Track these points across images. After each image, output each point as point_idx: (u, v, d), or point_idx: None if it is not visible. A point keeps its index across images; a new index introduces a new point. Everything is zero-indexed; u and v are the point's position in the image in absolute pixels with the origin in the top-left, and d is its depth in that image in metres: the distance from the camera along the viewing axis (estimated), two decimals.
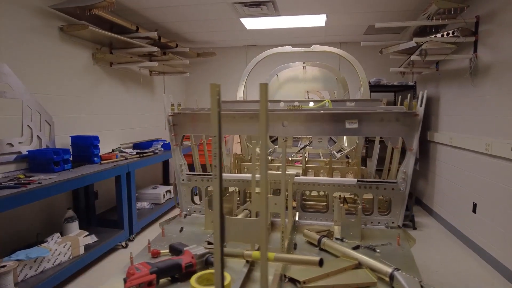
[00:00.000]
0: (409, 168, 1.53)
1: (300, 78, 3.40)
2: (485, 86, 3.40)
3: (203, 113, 1.62)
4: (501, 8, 3.15)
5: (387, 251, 1.28)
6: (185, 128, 1.66)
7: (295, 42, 6.03)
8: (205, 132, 1.69)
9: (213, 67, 6.39)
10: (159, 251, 1.15)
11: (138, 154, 3.93)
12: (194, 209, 1.73)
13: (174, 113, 1.66)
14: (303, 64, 3.41)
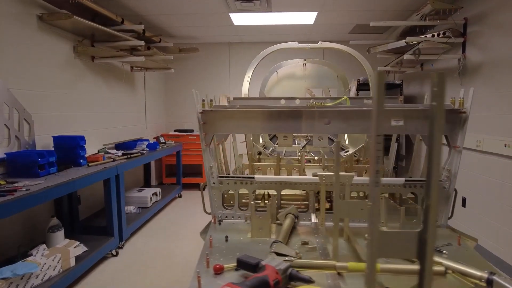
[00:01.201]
0: (453, 166, 1.50)
1: (300, 75, 3.33)
2: (474, 85, 3.53)
3: (237, 111, 1.49)
4: (491, 11, 3.28)
5: (452, 252, 1.23)
6: (216, 126, 1.51)
7: (281, 40, 5.95)
8: (238, 131, 1.55)
9: (195, 63, 6.17)
10: (222, 266, 1.02)
11: (125, 155, 3.67)
12: (225, 215, 1.58)
13: (205, 110, 1.50)
14: (304, 61, 3.34)
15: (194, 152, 5.77)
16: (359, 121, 1.48)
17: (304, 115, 1.47)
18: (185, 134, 5.77)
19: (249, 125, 1.50)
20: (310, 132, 1.50)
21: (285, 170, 2.31)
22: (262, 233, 1.32)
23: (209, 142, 1.53)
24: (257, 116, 1.48)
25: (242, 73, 6.15)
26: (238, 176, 1.56)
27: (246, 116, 1.50)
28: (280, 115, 1.48)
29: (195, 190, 5.92)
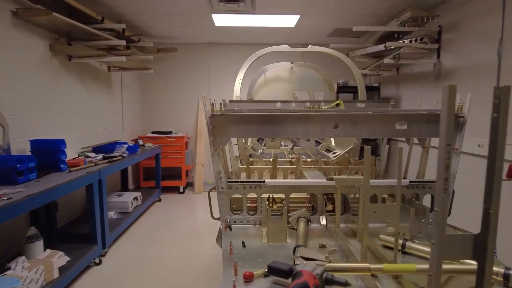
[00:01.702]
0: (452, 168, 1.57)
1: (287, 78, 3.35)
2: None
3: (247, 115, 1.47)
4: (463, 19, 3.49)
5: None
6: (225, 131, 1.49)
7: (260, 42, 5.98)
8: (248, 135, 1.54)
9: (173, 63, 6.04)
10: (252, 274, 1.00)
11: (106, 159, 3.52)
12: (233, 220, 1.56)
13: (214, 114, 1.48)
14: (291, 64, 3.37)
15: (173, 154, 5.65)
16: (366, 125, 1.52)
17: (314, 119, 1.48)
18: (163, 136, 5.64)
19: (259, 129, 1.49)
20: (320, 135, 1.52)
21: (281, 172, 2.31)
22: (278, 238, 1.32)
23: (217, 146, 1.50)
24: (267, 120, 1.48)
25: (221, 75, 6.11)
26: (247, 180, 1.54)
27: (256, 120, 1.49)
28: (289, 119, 1.48)
29: (174, 193, 5.80)
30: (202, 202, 5.35)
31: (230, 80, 6.13)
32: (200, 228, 4.15)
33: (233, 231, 1.48)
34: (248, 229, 1.50)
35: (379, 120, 1.52)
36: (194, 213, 4.81)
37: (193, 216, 4.67)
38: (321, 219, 1.52)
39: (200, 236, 3.88)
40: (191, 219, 4.54)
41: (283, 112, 1.48)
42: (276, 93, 3.32)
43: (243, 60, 6.04)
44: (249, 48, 6.07)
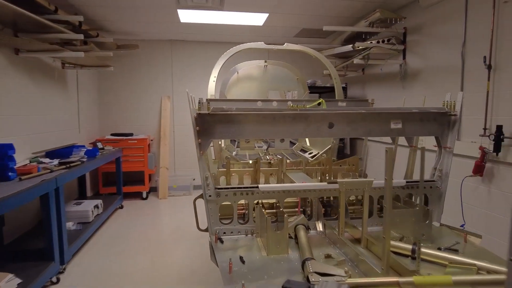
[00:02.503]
0: (444, 166, 1.56)
1: (260, 76, 3.24)
2: (414, 88, 3.86)
3: (238, 114, 1.33)
4: (427, 23, 3.62)
5: (462, 250, 1.26)
6: (213, 132, 1.34)
7: (226, 40, 5.84)
8: (238, 136, 1.40)
9: (133, 61, 5.69)
10: None
11: (63, 165, 3.18)
12: (223, 230, 1.41)
13: (201, 113, 1.32)
14: (265, 62, 3.27)
15: (134, 158, 5.31)
16: (363, 124, 1.45)
17: (310, 118, 1.39)
18: (124, 138, 5.27)
19: (251, 129, 1.36)
20: (315, 136, 1.42)
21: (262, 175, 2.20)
22: (279, 250, 1.20)
23: (204, 149, 1.35)
24: (259, 119, 1.36)
25: (185, 73, 5.87)
26: (239, 186, 1.40)
27: (247, 120, 1.36)
28: (284, 118, 1.37)
29: (137, 199, 5.45)
30: (167, 207, 5.08)
31: (195, 79, 5.93)
32: (167, 236, 3.91)
33: (224, 244, 1.33)
34: (240, 240, 1.36)
35: (375, 119, 1.46)
36: (160, 220, 4.54)
37: (159, 223, 4.40)
38: (317, 225, 1.43)
39: (169, 244, 3.65)
40: (157, 226, 4.27)
41: (277, 110, 1.37)
42: (250, 92, 3.20)
43: (208, 58, 5.91)
44: (215, 46, 5.91)
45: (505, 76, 2.74)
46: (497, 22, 2.80)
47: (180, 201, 5.43)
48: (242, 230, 1.41)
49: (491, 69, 2.83)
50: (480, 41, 2.97)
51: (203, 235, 4.02)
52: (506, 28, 2.73)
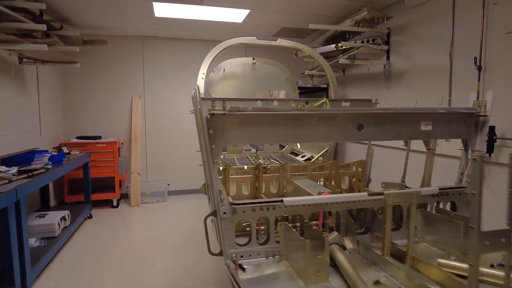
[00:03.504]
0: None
1: (248, 75, 3.04)
2: (399, 89, 3.84)
3: (257, 114, 1.13)
4: (411, 23, 3.61)
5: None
6: (228, 136, 1.12)
7: (202, 38, 5.57)
8: (256, 141, 1.19)
9: (102, 58, 5.25)
10: None
11: (24, 174, 2.78)
12: (240, 254, 1.19)
13: (215, 113, 1.10)
14: (253, 60, 3.07)
15: (104, 163, 4.89)
16: (392, 126, 1.30)
17: (337, 119, 1.21)
18: (92, 142, 4.83)
19: (270, 132, 1.16)
20: (342, 139, 1.25)
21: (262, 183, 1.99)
22: (320, 278, 1.00)
23: (217, 157, 1.12)
24: (281, 121, 1.16)
25: (158, 72, 5.52)
26: (260, 201, 1.19)
27: (267, 121, 1.15)
28: (309, 119, 1.18)
29: (107, 207, 5.03)
30: (141, 216, 4.71)
31: (168, 78, 5.59)
32: (144, 247, 3.59)
33: (247, 271, 1.11)
34: (263, 265, 1.15)
35: (404, 120, 1.31)
36: (134, 230, 4.18)
37: (134, 234, 4.05)
38: (347, 242, 1.25)
39: (146, 257, 3.33)
40: (131, 237, 3.92)
41: (301, 110, 1.17)
42: (236, 91, 2.99)
43: (182, 56, 5.61)
44: (190, 44, 5.62)
45: (495, 77, 2.75)
46: (486, 24, 2.81)
47: (154, 208, 5.08)
48: (263, 251, 1.20)
49: (482, 70, 2.83)
50: (468, 42, 2.97)
51: (183, 244, 3.75)
52: (495, 29, 2.73)
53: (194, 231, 4.04)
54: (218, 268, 3.06)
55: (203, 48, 5.67)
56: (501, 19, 2.68)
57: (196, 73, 5.67)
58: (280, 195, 1.99)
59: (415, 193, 1.16)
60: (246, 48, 5.66)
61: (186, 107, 5.70)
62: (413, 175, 3.49)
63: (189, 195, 5.80)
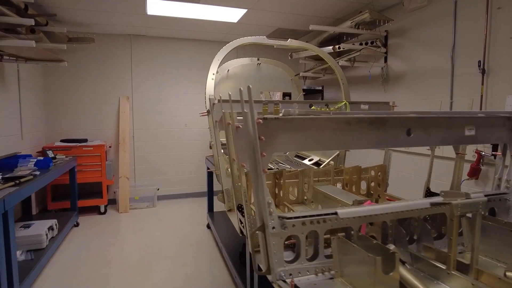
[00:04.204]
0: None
1: (252, 75, 2.94)
2: (398, 92, 3.84)
3: (307, 119, 1.02)
4: (411, 26, 3.62)
5: None
6: (276, 142, 1.01)
7: (194, 37, 5.42)
8: (304, 148, 1.09)
9: (88, 57, 4.99)
10: None
11: (9, 181, 2.54)
12: (289, 271, 1.08)
13: (268, 117, 0.99)
14: (258, 60, 2.97)
15: (90, 167, 4.64)
16: (438, 131, 1.23)
17: (388, 124, 1.13)
18: (77, 145, 4.57)
19: (319, 138, 1.06)
20: (391, 145, 1.17)
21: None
22: None
23: (266, 165, 1.01)
24: (331, 125, 1.06)
25: (146, 72, 5.30)
26: (311, 214, 1.08)
27: (316, 126, 1.05)
28: (361, 123, 1.09)
29: (94, 214, 4.77)
30: (130, 222, 4.49)
31: (158, 79, 5.38)
32: (137, 257, 3.39)
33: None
34: (318, 284, 1.04)
35: (448, 124, 1.25)
36: (125, 238, 3.96)
37: (124, 242, 3.83)
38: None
39: (141, 268, 3.15)
40: (122, 246, 3.71)
41: (355, 113, 1.08)
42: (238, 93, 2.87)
43: (172, 56, 5.42)
44: (180, 43, 5.45)
45: (500, 81, 2.77)
46: (490, 28, 2.83)
47: (144, 214, 4.87)
48: (311, 268, 1.09)
49: (485, 73, 2.86)
50: (470, 45, 2.99)
51: (179, 253, 3.58)
52: (499, 33, 2.76)
53: (189, 238, 3.88)
54: (220, 279, 2.93)
55: (194, 48, 5.52)
56: (505, 23, 2.71)
57: (186, 74, 5.53)
58: (299, 203, 1.89)
59: (481, 202, 1.09)
60: (237, 49, 5.55)
61: (176, 109, 5.52)
62: (413, 179, 3.49)
63: (180, 199, 5.62)
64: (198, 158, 5.66)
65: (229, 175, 1.83)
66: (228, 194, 1.76)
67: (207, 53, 5.55)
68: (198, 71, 5.54)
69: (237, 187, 1.43)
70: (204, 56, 5.55)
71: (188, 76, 5.53)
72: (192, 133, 5.64)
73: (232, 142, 1.41)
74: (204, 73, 5.59)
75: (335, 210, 1.07)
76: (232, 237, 3.32)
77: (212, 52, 5.65)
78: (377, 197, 1.96)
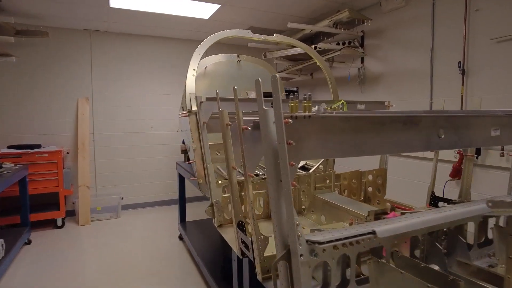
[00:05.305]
0: None
1: (232, 73, 2.71)
2: (376, 93, 3.81)
3: (342, 117, 0.84)
4: (387, 27, 3.60)
5: None
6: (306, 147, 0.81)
7: (160, 34, 5.08)
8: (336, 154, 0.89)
9: (40, 53, 4.47)
10: None
11: None
12: None
13: (298, 116, 0.78)
14: (238, 57, 2.75)
15: (45, 176, 4.15)
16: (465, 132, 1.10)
17: (422, 124, 0.97)
18: (29, 152, 4.06)
19: (354, 141, 0.88)
20: (422, 148, 1.01)
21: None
22: None
23: (293, 177, 0.81)
24: (367, 126, 0.88)
25: (108, 71, 4.87)
26: (344, 236, 0.88)
27: (351, 128, 0.87)
28: (395, 123, 0.92)
29: (49, 228, 4.27)
30: (92, 236, 4.05)
31: (120, 78, 4.96)
32: (104, 279, 3.02)
33: None
34: None
35: (475, 125, 1.12)
36: (88, 255, 3.54)
37: (87, 261, 3.41)
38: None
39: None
40: (85, 265, 3.30)
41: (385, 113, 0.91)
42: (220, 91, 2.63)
43: (137, 54, 5.04)
44: (145, 41, 5.08)
45: (479, 82, 2.79)
46: (468, 29, 2.85)
47: (108, 226, 4.44)
48: None
49: (465, 74, 2.87)
50: (449, 47, 3.00)
51: (153, 270, 3.24)
52: (478, 35, 2.78)
53: (160, 252, 3.55)
54: None
55: (160, 46, 5.18)
56: (484, 25, 2.74)
57: (152, 73, 5.16)
58: (297, 212, 1.70)
59: None
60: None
61: (141, 111, 5.14)
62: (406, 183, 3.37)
63: (147, 208, 5.23)
64: (166, 163, 5.31)
65: (219, 186, 1.60)
66: (219, 207, 1.52)
67: (174, 51, 5.25)
68: (165, 70, 5.21)
69: (236, 200, 1.21)
70: (171, 54, 5.24)
71: (154, 76, 5.18)
72: (160, 137, 5.29)
73: (231, 147, 1.19)
74: (171, 73, 5.28)
75: (371, 228, 0.89)
76: (210, 250, 3.06)
77: (180, 51, 5.36)
78: (376, 203, 1.82)
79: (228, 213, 1.58)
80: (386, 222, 0.94)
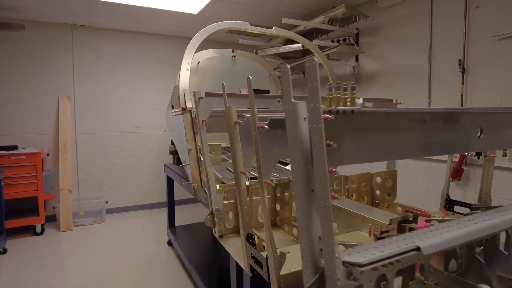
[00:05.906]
0: None
1: (226, 69, 2.56)
2: (372, 91, 3.72)
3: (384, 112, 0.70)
4: (382, 25, 3.52)
5: None
6: (344, 149, 0.67)
7: (146, 30, 4.87)
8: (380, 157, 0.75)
9: (18, 48, 4.19)
10: None
11: None
12: None
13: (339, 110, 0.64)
14: (232, 52, 2.59)
15: (22, 179, 3.88)
16: (503, 131, 0.98)
17: (461, 121, 0.85)
18: (4, 154, 3.79)
19: (398, 142, 0.75)
20: (460, 150, 0.89)
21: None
22: None
23: (330, 185, 0.66)
24: (408, 124, 0.75)
25: (90, 68, 4.62)
26: (387, 256, 0.73)
27: (393, 126, 0.74)
28: (436, 121, 0.80)
29: (28, 235, 3.99)
30: (74, 243, 3.81)
31: (103, 76, 4.71)
32: (85, 286, 2.81)
33: None
34: None
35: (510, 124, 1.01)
36: (68, 263, 3.30)
37: (68, 269, 3.18)
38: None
39: None
40: (65, 274, 3.07)
41: (429, 110, 0.78)
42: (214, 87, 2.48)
43: (121, 51, 4.81)
44: (130, 37, 4.85)
45: (479, 80, 2.73)
46: (468, 26, 2.78)
47: (91, 231, 4.20)
48: None
49: (465, 72, 2.80)
50: (448, 44, 2.93)
51: (142, 280, 3.03)
52: (478, 32, 2.72)
53: (148, 259, 3.36)
54: None
55: (145, 43, 4.97)
56: (484, 22, 2.67)
57: (137, 71, 4.94)
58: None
59: None
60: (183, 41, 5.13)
61: (126, 110, 4.91)
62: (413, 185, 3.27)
63: (133, 212, 5.00)
64: (153, 165, 5.10)
65: (220, 192, 1.44)
66: (220, 215, 1.37)
67: (161, 48, 5.05)
68: (152, 68, 5.00)
69: (245, 209, 1.06)
70: (157, 51, 5.03)
71: (139, 74, 4.96)
72: (146, 137, 5.07)
73: (240, 149, 1.04)
74: (158, 71, 5.06)
75: (414, 244, 0.75)
76: (203, 257, 2.90)
77: (167, 48, 5.14)
78: (386, 207, 1.70)
79: (229, 222, 1.43)
80: (426, 235, 0.81)
